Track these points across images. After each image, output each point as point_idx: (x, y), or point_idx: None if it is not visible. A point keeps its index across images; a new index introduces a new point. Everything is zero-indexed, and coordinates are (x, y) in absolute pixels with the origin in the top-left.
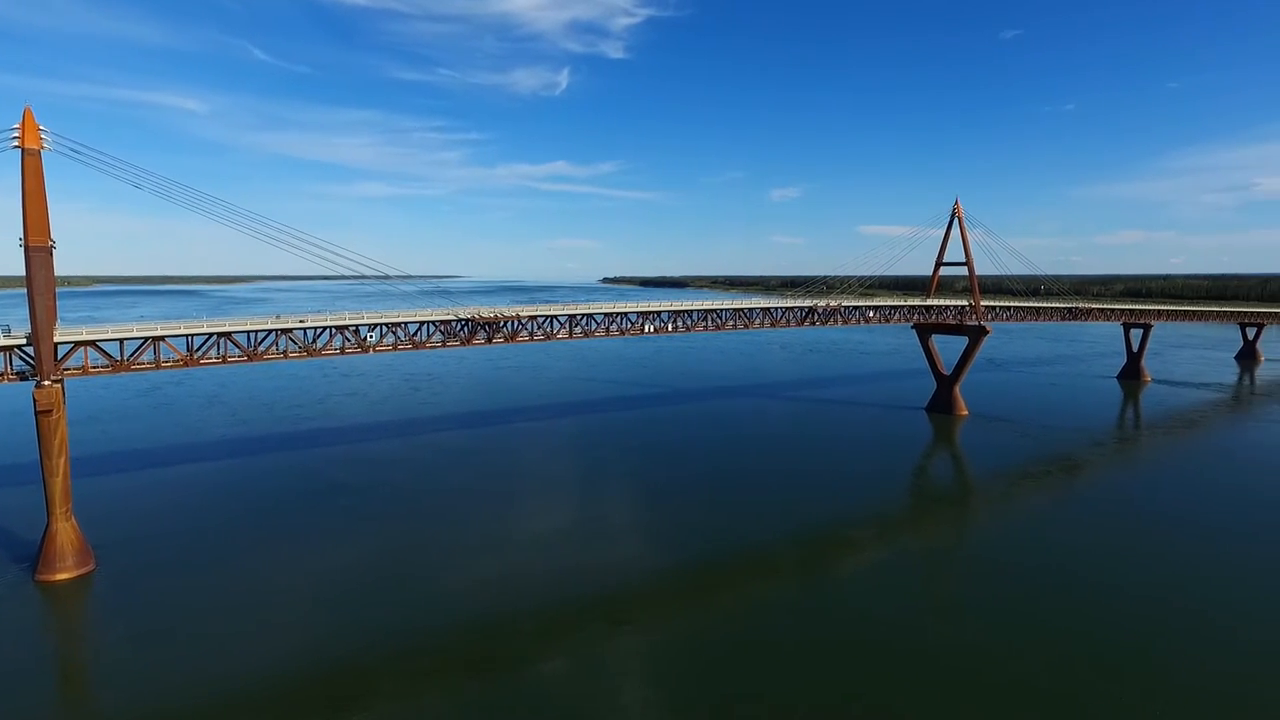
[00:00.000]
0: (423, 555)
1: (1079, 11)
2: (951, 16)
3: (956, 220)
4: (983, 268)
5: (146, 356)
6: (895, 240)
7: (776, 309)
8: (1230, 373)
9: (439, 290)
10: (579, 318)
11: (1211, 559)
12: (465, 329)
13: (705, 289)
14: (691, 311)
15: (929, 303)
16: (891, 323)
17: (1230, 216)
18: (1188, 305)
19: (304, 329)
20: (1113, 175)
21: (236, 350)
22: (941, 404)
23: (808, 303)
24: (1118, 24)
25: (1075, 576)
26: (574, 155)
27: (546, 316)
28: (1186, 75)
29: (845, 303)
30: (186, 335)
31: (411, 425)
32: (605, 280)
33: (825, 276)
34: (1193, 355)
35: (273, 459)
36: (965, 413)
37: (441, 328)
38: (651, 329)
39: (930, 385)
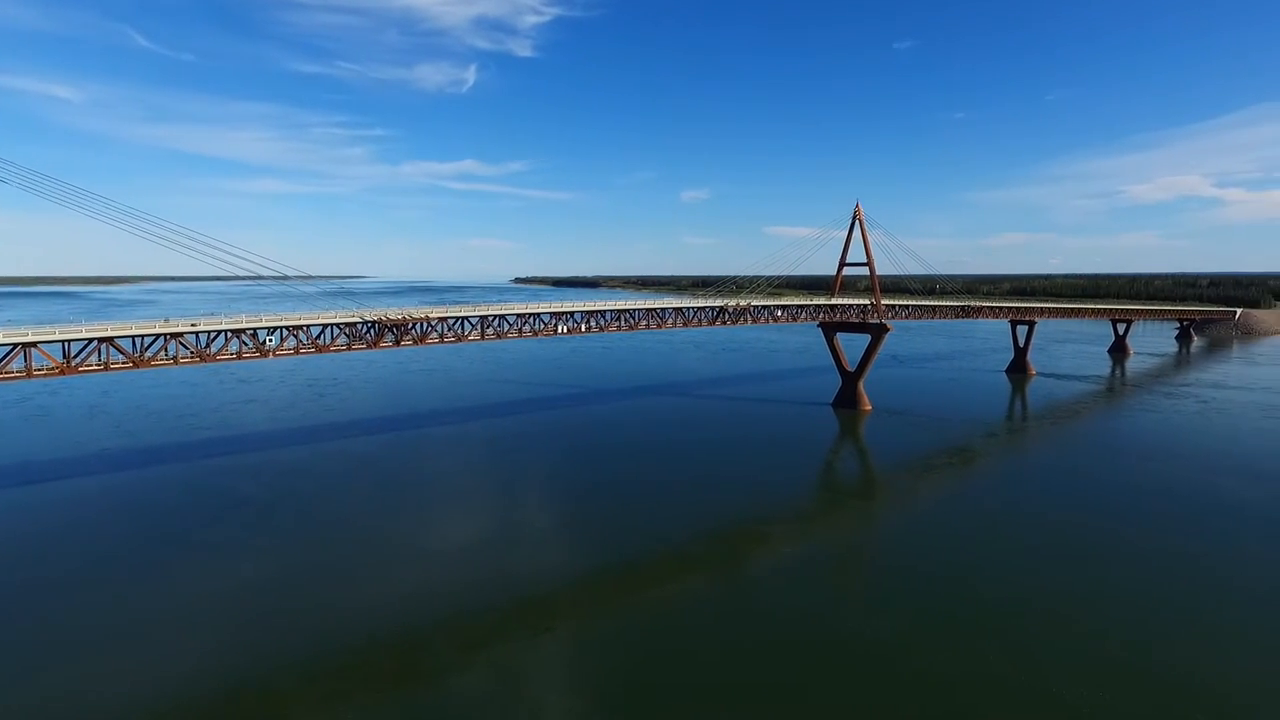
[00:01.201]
0: (333, 569)
1: (967, 25)
2: (851, 26)
3: (858, 222)
4: (883, 268)
5: (16, 364)
6: (801, 241)
7: (689, 309)
8: (1104, 365)
9: (344, 291)
10: (491, 319)
11: (1098, 542)
12: (372, 331)
13: (618, 289)
14: (605, 312)
15: (833, 302)
16: (799, 321)
17: (1102, 220)
18: (1067, 303)
19: (196, 333)
20: (999, 181)
21: (121, 357)
22: (847, 399)
23: (719, 302)
24: (1003, 38)
25: (975, 565)
26: (484, 154)
27: (457, 318)
28: (1063, 89)
29: (755, 302)
30: (62, 341)
31: (317, 432)
32: (517, 280)
33: (735, 276)
34: (1072, 350)
35: (164, 472)
36: (869, 408)
37: (347, 330)
38: (565, 330)
39: (836, 381)
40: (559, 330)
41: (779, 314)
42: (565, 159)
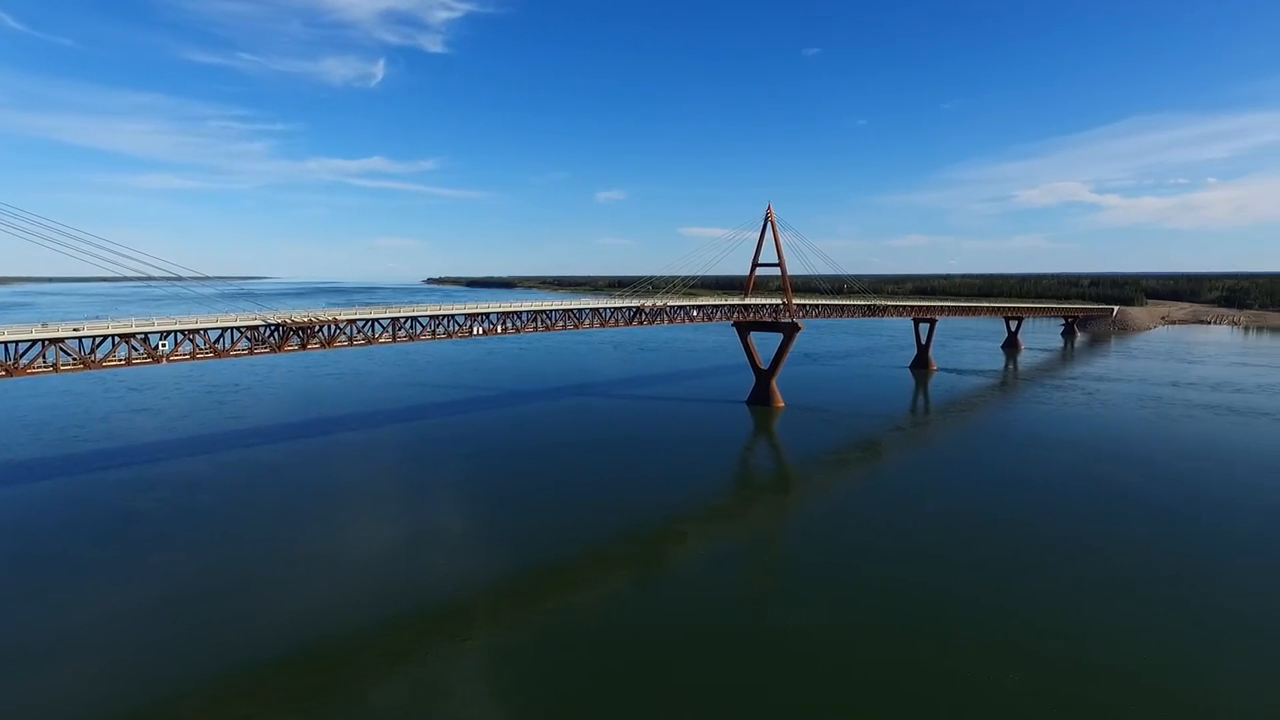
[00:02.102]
0: (237, 585)
1: (869, 35)
2: (763, 32)
3: (769, 224)
4: (794, 268)
5: None
6: (715, 242)
7: (605, 309)
8: (999, 360)
9: (245, 293)
10: (403, 321)
11: (999, 529)
12: (276, 334)
13: (534, 289)
14: (521, 313)
15: (746, 301)
16: (714, 321)
17: (995, 223)
18: (965, 302)
19: (79, 338)
20: (901, 185)
21: None
22: (761, 397)
23: (635, 303)
24: (902, 48)
25: (889, 555)
26: (393, 151)
27: (367, 320)
28: (957, 98)
29: (671, 302)
30: None
31: (218, 442)
32: (430, 281)
33: (651, 277)
34: (971, 345)
35: (46, 489)
36: (782, 404)
37: (248, 333)
38: (480, 331)
39: (751, 379)
40: (474, 332)
41: (695, 314)
42: (477, 157)
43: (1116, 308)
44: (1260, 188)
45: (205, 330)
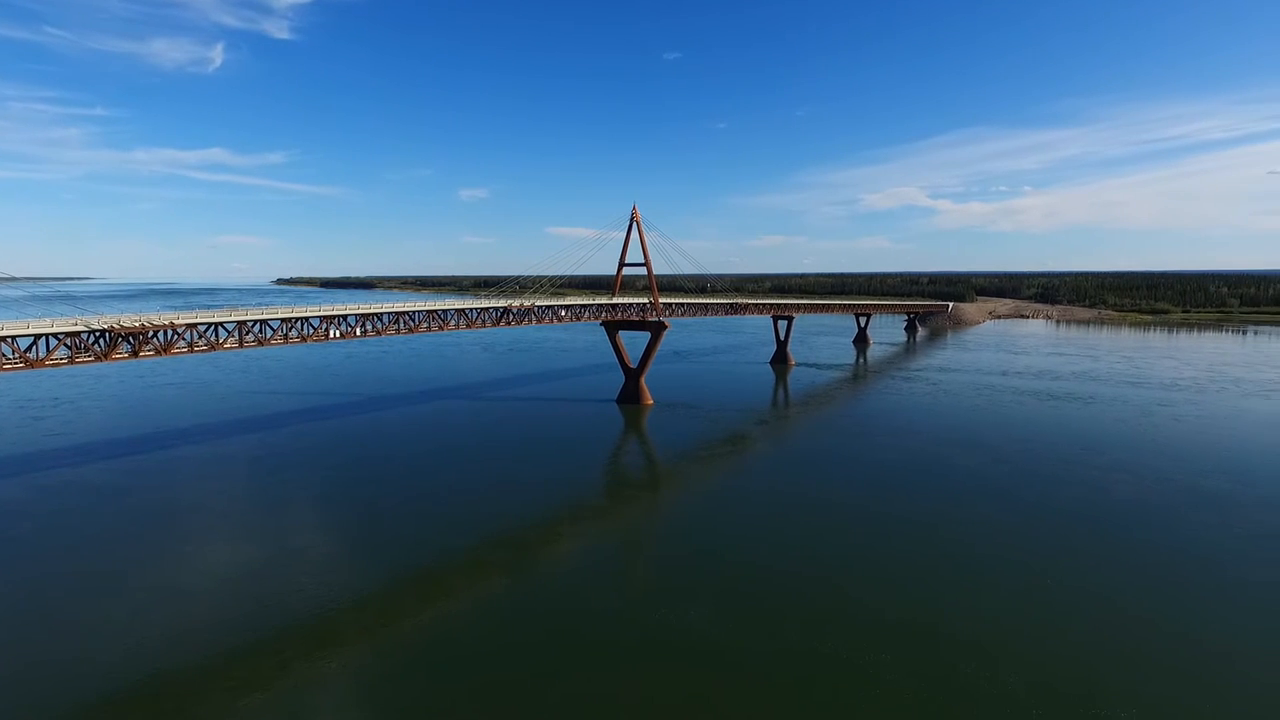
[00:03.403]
0: (68, 620)
1: (726, 40)
2: (624, 33)
3: (635, 224)
4: (660, 267)
5: None
6: (582, 241)
7: (472, 310)
8: (851, 355)
9: (64, 295)
10: (251, 324)
11: (858, 515)
12: (102, 341)
13: (395, 290)
14: (381, 314)
15: (614, 301)
16: (582, 320)
17: (845, 225)
18: (819, 300)
19: None
20: (758, 188)
21: None
22: (630, 395)
23: (502, 303)
24: (757, 55)
25: (760, 546)
26: (235, 142)
27: (210, 324)
28: (809, 105)
29: (539, 302)
30: None
31: (35, 462)
32: (280, 282)
33: (519, 277)
34: (825, 341)
35: None
36: (651, 402)
37: (67, 341)
38: (337, 334)
39: (621, 378)
40: (331, 335)
41: (563, 313)
42: (330, 151)
43: (951, 304)
44: (1067, 196)
45: (14, 338)
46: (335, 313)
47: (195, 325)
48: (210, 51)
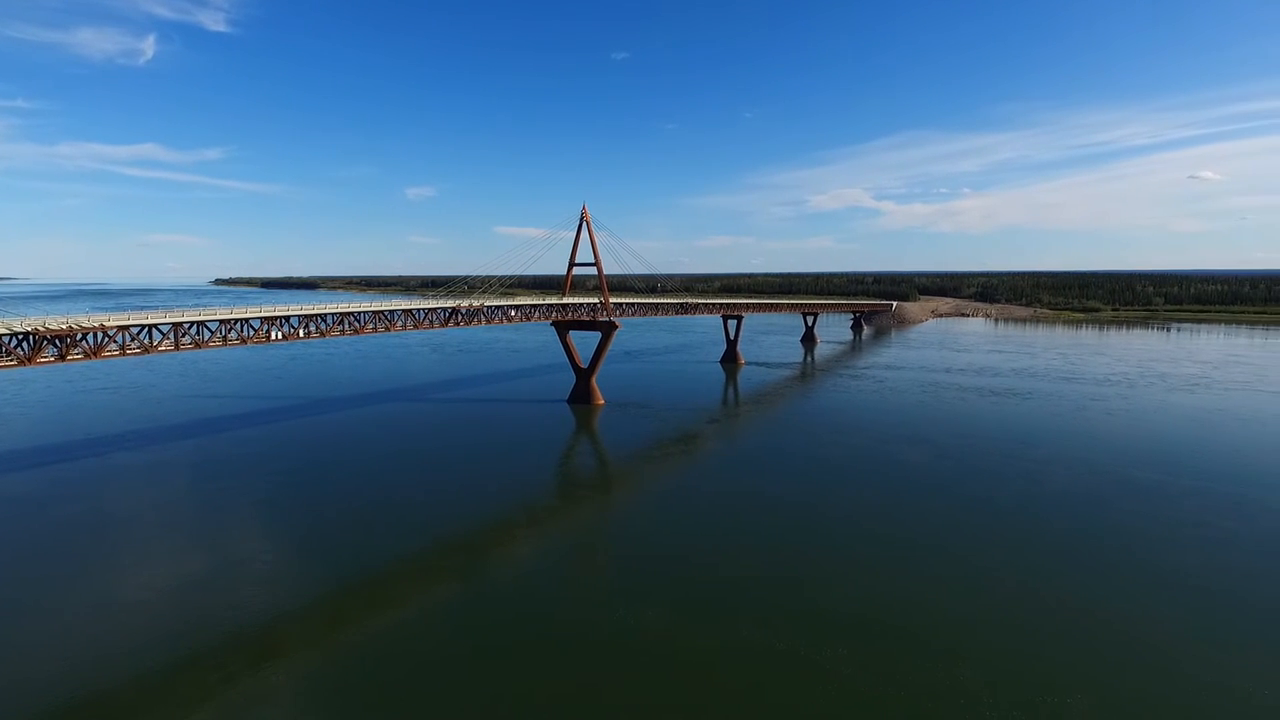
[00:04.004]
0: None
1: (674, 42)
2: (573, 33)
3: (585, 224)
4: (610, 267)
5: None
6: (531, 241)
7: (419, 310)
8: (799, 353)
9: None
10: (187, 326)
11: (809, 513)
12: (25, 345)
13: (340, 290)
14: (326, 315)
15: (564, 301)
16: (533, 320)
17: (792, 226)
18: (768, 299)
19: None
20: (708, 188)
21: None
22: (581, 395)
23: (451, 303)
24: (705, 55)
25: (712, 545)
26: (169, 137)
27: (143, 326)
28: (758, 107)
29: (488, 303)
30: None
31: None
32: (219, 282)
33: (468, 277)
34: (774, 340)
35: None
36: (602, 402)
37: None
38: (279, 336)
39: (572, 378)
40: (273, 336)
41: (513, 314)
42: (270, 147)
43: (895, 303)
44: (1004, 198)
45: None
46: (277, 314)
47: (127, 327)
48: (141, 43)
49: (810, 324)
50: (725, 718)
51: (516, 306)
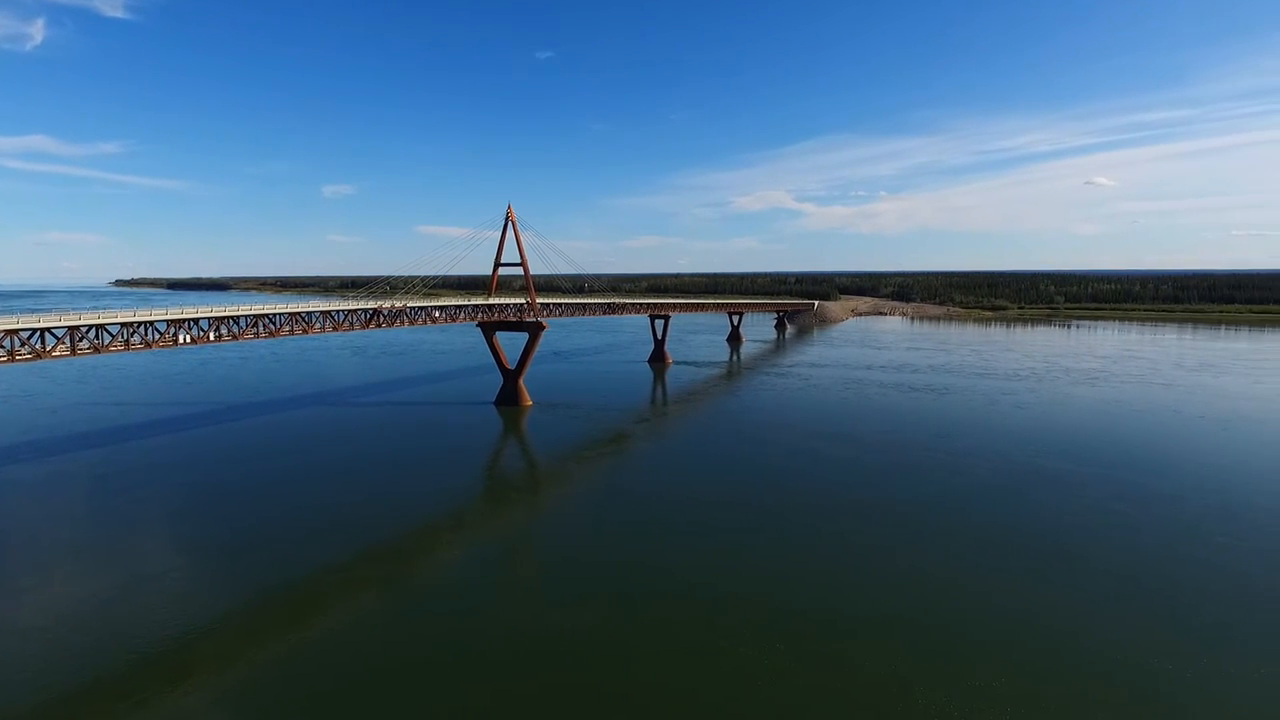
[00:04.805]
0: None
1: (600, 40)
2: (495, 32)
3: (510, 223)
4: (536, 267)
5: None
6: (455, 241)
7: (339, 311)
8: (725, 352)
9: None
10: (85, 329)
11: (736, 511)
12: None
13: (253, 291)
14: (239, 317)
15: (490, 301)
16: (457, 322)
17: (717, 226)
18: (694, 299)
19: None
20: (635, 188)
21: None
22: (508, 397)
23: (372, 304)
24: (631, 55)
25: (637, 543)
26: (60, 129)
27: (34, 329)
28: (684, 110)
29: (411, 303)
30: None
31: None
32: (119, 283)
33: (389, 277)
34: (701, 339)
35: None
36: (530, 403)
37: None
38: (188, 339)
39: (499, 380)
40: (181, 340)
41: (437, 315)
42: (174, 141)
43: (817, 302)
44: (918, 201)
45: None
46: (185, 316)
47: (16, 331)
48: (29, 27)
49: (736, 323)
50: (667, 716)
51: (441, 307)
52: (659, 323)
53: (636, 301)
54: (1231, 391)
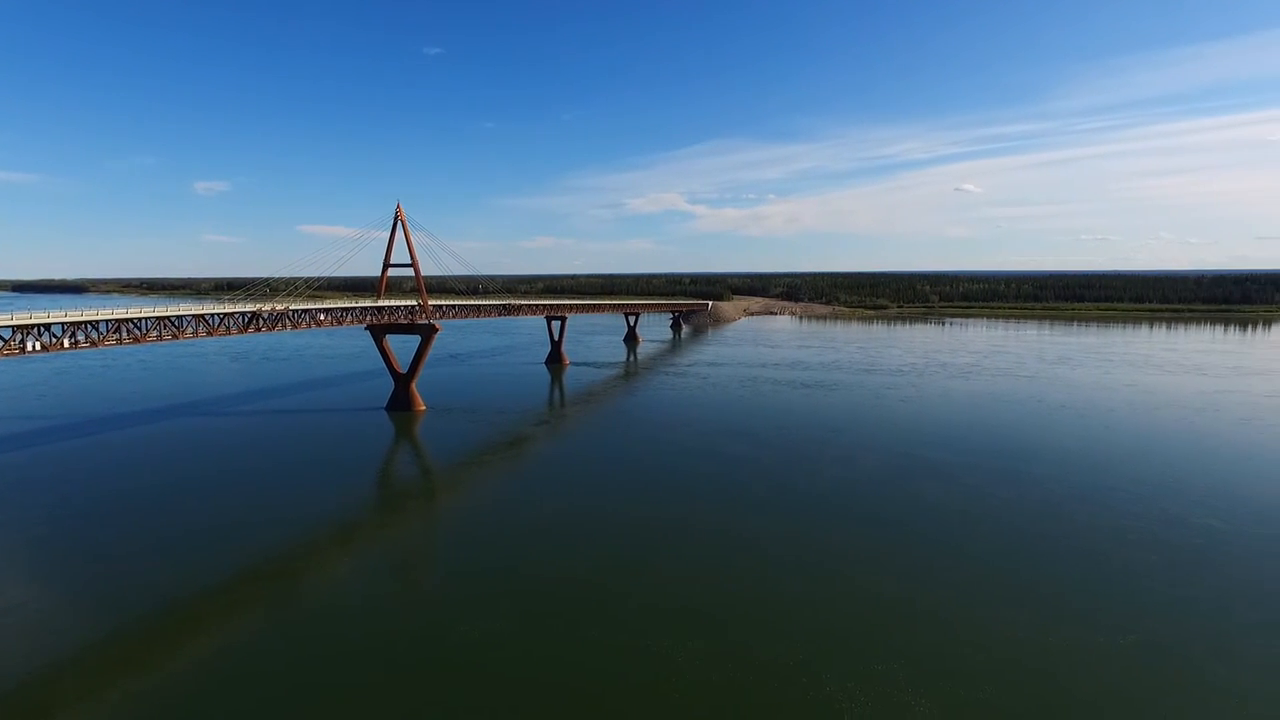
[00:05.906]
0: None
1: (492, 37)
2: (379, 25)
3: (400, 223)
4: (428, 269)
5: None
6: (341, 241)
7: (213, 315)
8: (622, 352)
9: None
10: None
11: (632, 511)
12: None
13: (116, 294)
14: (98, 322)
15: (380, 304)
16: (344, 325)
17: (611, 228)
18: (590, 300)
19: None
20: (528, 189)
21: None
22: (400, 402)
23: (251, 307)
24: (517, 52)
25: (538, 549)
26: None
27: None
28: (575, 109)
29: (294, 306)
30: None
31: None
32: None
33: (269, 278)
34: (598, 340)
35: None
36: (423, 408)
37: None
38: (37, 346)
39: (390, 384)
40: (29, 348)
41: (323, 318)
42: (22, 130)
43: (711, 303)
44: (804, 204)
45: None
46: (33, 321)
47: None
48: None
49: (632, 324)
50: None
51: (326, 310)
52: (556, 324)
53: (533, 303)
54: (1086, 382)
